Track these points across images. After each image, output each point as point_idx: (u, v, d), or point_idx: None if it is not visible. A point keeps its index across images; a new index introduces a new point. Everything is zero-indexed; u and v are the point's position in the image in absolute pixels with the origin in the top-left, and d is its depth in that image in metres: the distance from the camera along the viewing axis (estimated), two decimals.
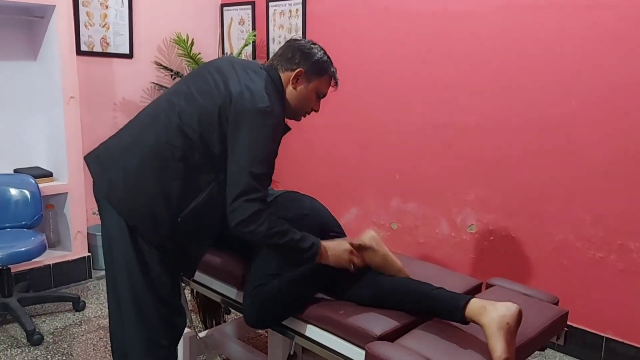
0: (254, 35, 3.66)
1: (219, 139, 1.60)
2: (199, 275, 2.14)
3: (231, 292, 2.01)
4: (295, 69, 1.72)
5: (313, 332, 1.70)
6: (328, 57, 1.79)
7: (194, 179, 1.63)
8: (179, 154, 1.60)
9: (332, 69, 1.78)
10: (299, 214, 1.90)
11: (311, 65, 1.73)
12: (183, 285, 2.28)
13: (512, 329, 1.45)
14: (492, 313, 1.46)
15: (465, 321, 1.54)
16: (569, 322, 1.88)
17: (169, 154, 1.60)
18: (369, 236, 1.75)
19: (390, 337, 1.56)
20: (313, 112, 1.83)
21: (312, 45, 1.77)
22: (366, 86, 3.18)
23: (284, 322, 1.77)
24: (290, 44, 1.78)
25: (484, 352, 1.46)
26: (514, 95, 2.61)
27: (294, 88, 1.74)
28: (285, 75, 1.74)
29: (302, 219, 1.88)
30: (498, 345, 1.42)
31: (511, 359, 1.42)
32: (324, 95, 1.81)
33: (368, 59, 3.15)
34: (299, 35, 3.45)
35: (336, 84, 1.83)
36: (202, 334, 2.29)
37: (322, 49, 1.79)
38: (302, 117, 1.83)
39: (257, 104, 1.58)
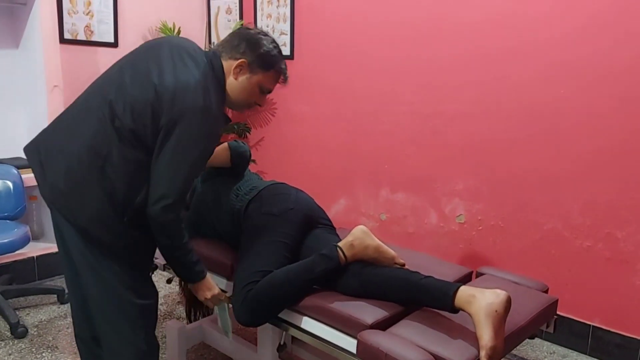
0: (242, 25, 3.61)
1: (152, 133, 1.50)
2: None
3: (220, 282, 1.99)
4: (239, 59, 1.61)
5: (304, 322, 1.69)
6: (279, 51, 1.66)
7: (136, 173, 1.52)
8: (115, 151, 1.49)
9: (280, 65, 1.66)
10: (284, 208, 1.89)
11: (257, 57, 1.61)
12: (171, 275, 2.26)
13: (501, 316, 1.43)
14: (480, 301, 1.45)
15: (455, 310, 1.53)
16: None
17: (106, 151, 1.50)
18: (359, 230, 1.73)
19: (382, 325, 1.56)
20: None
21: (262, 36, 1.64)
22: (355, 75, 3.15)
23: None
24: (239, 31, 1.68)
25: (475, 340, 1.45)
26: (503, 84, 2.60)
27: (235, 78, 1.62)
28: (228, 64, 1.62)
29: (287, 214, 1.87)
30: (485, 334, 1.41)
31: (498, 347, 1.41)
32: (269, 91, 1.69)
33: (356, 47, 3.12)
34: (287, 25, 3.42)
35: (285, 81, 1.70)
36: (190, 326, 2.26)
37: (273, 41, 1.66)
38: (246, 110, 1.71)
39: (192, 102, 1.47)
